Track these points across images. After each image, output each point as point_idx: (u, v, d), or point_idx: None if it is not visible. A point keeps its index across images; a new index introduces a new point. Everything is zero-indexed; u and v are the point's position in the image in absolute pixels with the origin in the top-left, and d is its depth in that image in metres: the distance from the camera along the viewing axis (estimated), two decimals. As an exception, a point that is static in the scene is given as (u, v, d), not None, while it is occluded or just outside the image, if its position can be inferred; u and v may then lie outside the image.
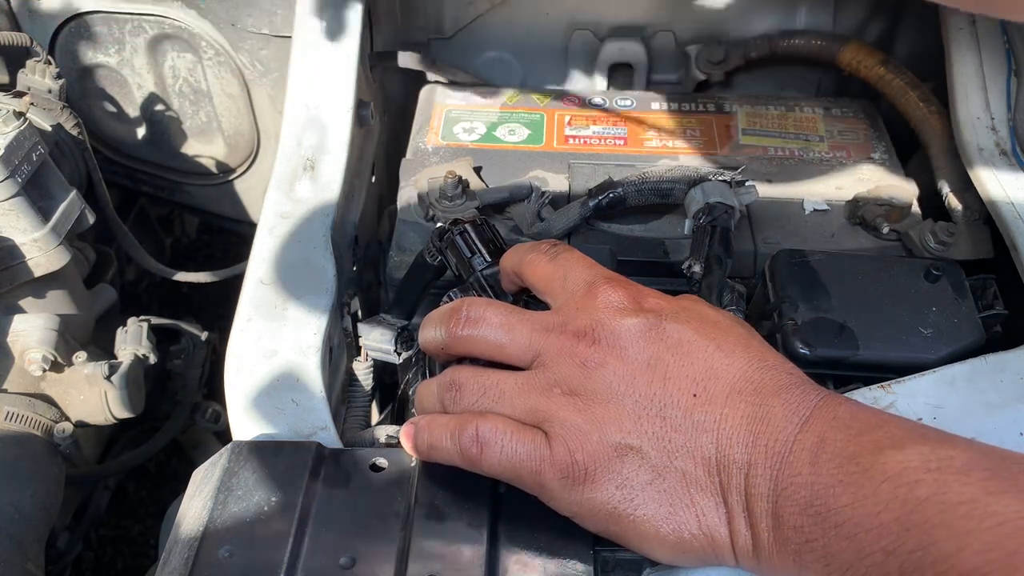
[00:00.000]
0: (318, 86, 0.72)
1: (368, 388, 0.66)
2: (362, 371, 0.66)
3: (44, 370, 0.81)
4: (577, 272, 0.46)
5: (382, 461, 0.47)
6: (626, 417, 0.40)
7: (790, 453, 0.37)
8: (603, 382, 0.41)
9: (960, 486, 0.33)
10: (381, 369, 0.68)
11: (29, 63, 0.85)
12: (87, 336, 0.90)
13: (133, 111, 1.02)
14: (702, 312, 0.44)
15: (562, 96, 0.84)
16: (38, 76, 0.84)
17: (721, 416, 0.39)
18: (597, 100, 0.83)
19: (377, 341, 0.63)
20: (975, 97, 0.69)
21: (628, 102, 0.83)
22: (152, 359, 0.91)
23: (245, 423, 0.52)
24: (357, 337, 0.64)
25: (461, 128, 0.79)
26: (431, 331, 0.47)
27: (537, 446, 0.41)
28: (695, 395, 0.40)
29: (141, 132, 1.03)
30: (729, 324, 0.43)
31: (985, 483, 0.33)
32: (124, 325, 0.92)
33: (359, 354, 0.66)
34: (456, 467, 0.44)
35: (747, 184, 0.64)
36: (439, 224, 0.59)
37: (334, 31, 0.75)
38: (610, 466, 0.40)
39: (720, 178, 0.64)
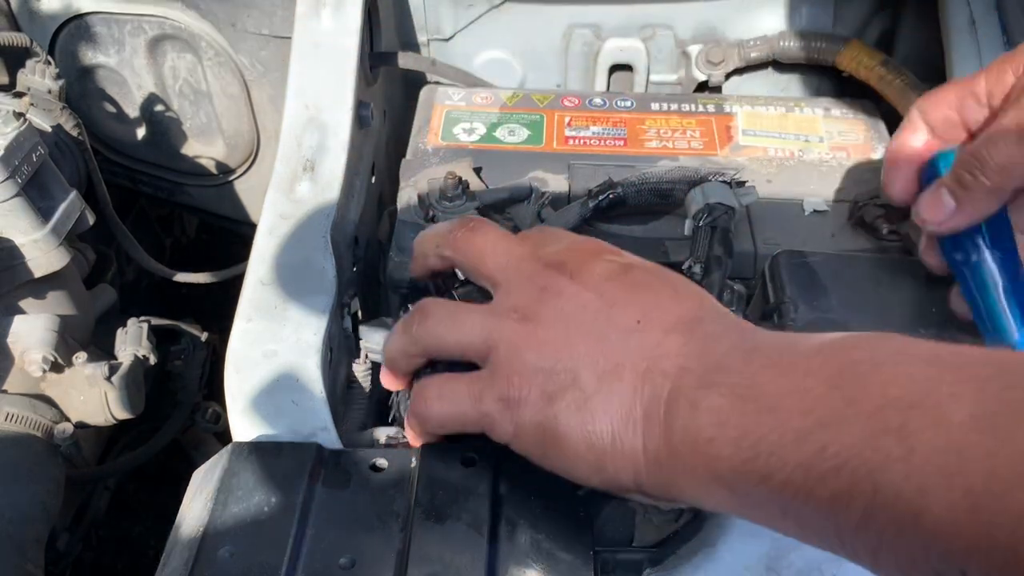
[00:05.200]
0: (318, 86, 0.72)
1: (367, 390, 0.66)
2: (361, 373, 0.65)
3: (44, 371, 0.81)
4: (559, 234, 0.49)
5: (382, 462, 0.47)
6: (564, 341, 0.41)
7: (724, 356, 0.38)
8: (555, 308, 0.42)
9: (894, 342, 0.34)
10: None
11: (29, 63, 0.85)
12: (87, 337, 0.90)
13: (133, 111, 1.02)
14: (672, 272, 0.45)
15: (562, 96, 0.84)
16: (38, 76, 0.84)
17: (659, 341, 0.40)
18: (597, 100, 0.83)
19: (378, 344, 0.63)
20: (975, 97, 0.69)
21: (628, 102, 0.83)
22: (152, 360, 0.91)
23: (245, 424, 0.52)
24: (358, 339, 0.64)
25: (461, 129, 0.79)
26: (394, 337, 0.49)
27: (475, 379, 0.43)
28: (638, 321, 0.41)
29: (141, 132, 1.03)
30: (696, 288, 0.45)
31: (920, 341, 0.34)
32: (124, 325, 0.92)
33: (359, 355, 0.66)
34: (456, 467, 0.45)
35: (747, 184, 0.64)
36: None
37: (334, 31, 0.75)
38: (544, 387, 0.41)
39: (720, 179, 0.64)
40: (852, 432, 0.31)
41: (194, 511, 0.44)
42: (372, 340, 0.63)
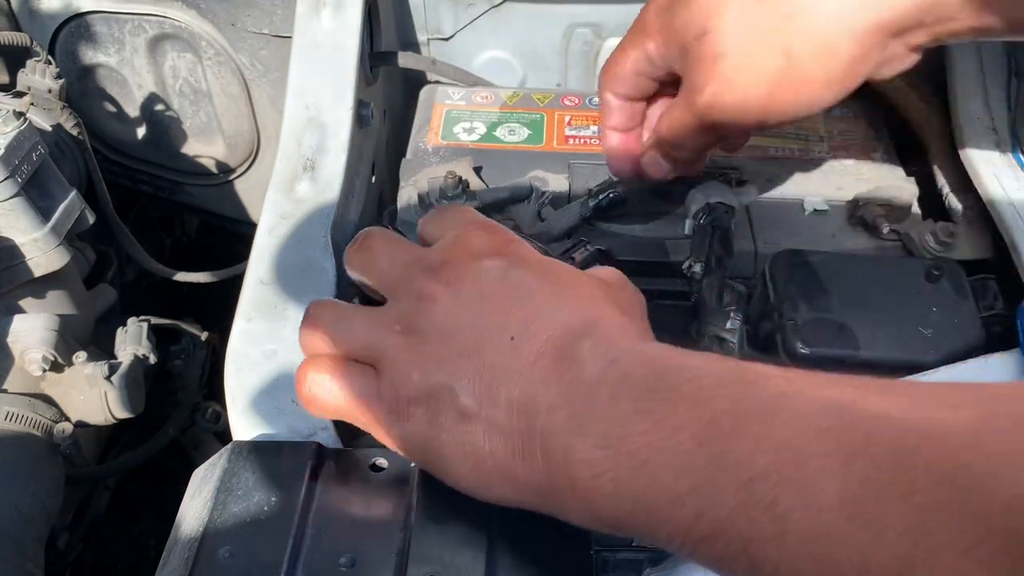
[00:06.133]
0: (318, 86, 0.72)
1: None
2: None
3: (44, 370, 0.81)
4: (455, 220, 0.46)
5: (382, 461, 0.47)
6: (446, 356, 0.41)
7: (591, 390, 0.37)
8: (433, 318, 0.41)
9: (753, 395, 0.33)
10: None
11: (29, 63, 0.85)
12: (87, 336, 0.90)
13: (133, 111, 1.02)
14: (564, 270, 0.44)
15: (562, 96, 0.84)
16: (38, 76, 0.84)
17: (531, 362, 0.39)
18: (597, 100, 0.83)
19: None
20: (975, 97, 0.69)
21: (628, 102, 0.83)
22: (152, 359, 0.91)
23: (245, 423, 0.51)
24: None
25: (461, 128, 0.79)
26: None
27: (367, 384, 0.42)
28: (512, 338, 0.40)
29: (141, 132, 1.03)
30: (585, 283, 0.43)
31: (781, 387, 0.33)
32: (124, 325, 0.92)
33: None
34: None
35: (747, 184, 0.64)
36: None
37: (334, 31, 0.75)
38: (427, 403, 0.41)
39: (720, 178, 0.64)
40: (725, 503, 0.31)
41: (194, 510, 0.44)
42: None
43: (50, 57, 0.87)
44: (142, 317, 0.93)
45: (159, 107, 1.00)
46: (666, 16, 0.52)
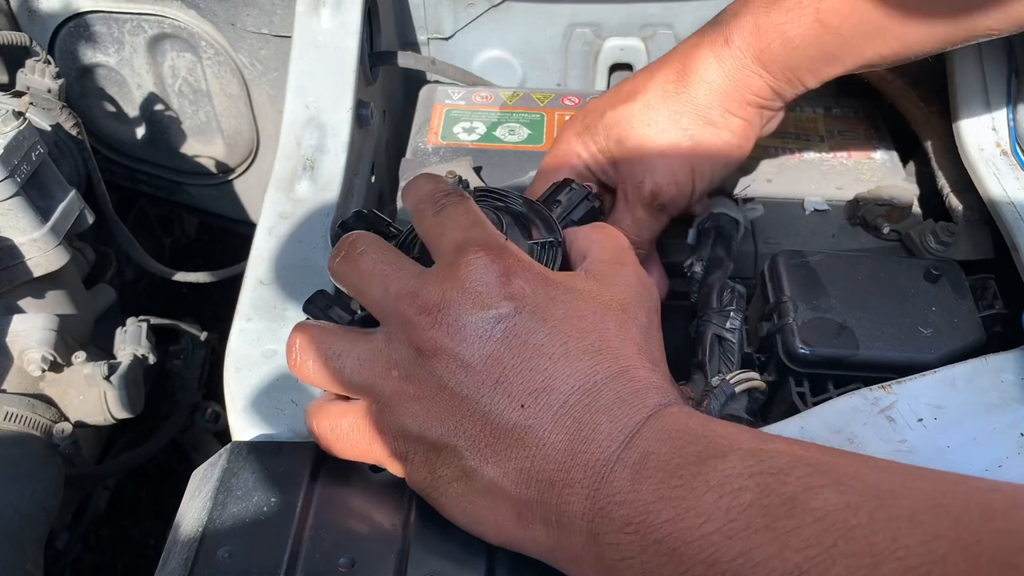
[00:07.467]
0: (318, 86, 0.72)
1: None
2: None
3: (43, 370, 0.81)
4: (453, 233, 0.43)
5: (382, 462, 0.47)
6: (449, 415, 0.40)
7: (611, 472, 0.36)
8: (434, 373, 0.40)
9: (780, 486, 0.33)
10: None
11: (28, 63, 0.84)
12: (86, 336, 0.90)
13: (133, 111, 1.02)
14: (572, 303, 0.41)
15: (562, 95, 0.84)
16: (37, 76, 0.84)
17: (544, 433, 0.38)
18: (597, 100, 0.83)
19: None
20: (975, 97, 0.69)
21: (628, 102, 0.83)
22: (151, 359, 0.91)
23: (244, 423, 0.51)
24: None
25: (461, 128, 0.79)
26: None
27: (363, 428, 0.43)
28: (523, 406, 0.38)
29: (141, 132, 1.03)
30: (596, 319, 0.41)
31: (806, 479, 0.33)
32: (123, 325, 0.92)
33: None
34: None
35: (754, 202, 0.64)
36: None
37: (334, 31, 0.75)
38: (426, 457, 0.41)
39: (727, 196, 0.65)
40: None
41: (193, 511, 0.44)
42: None
43: (49, 57, 0.86)
44: (141, 317, 0.93)
45: (158, 107, 1.00)
46: (585, 137, 0.62)
